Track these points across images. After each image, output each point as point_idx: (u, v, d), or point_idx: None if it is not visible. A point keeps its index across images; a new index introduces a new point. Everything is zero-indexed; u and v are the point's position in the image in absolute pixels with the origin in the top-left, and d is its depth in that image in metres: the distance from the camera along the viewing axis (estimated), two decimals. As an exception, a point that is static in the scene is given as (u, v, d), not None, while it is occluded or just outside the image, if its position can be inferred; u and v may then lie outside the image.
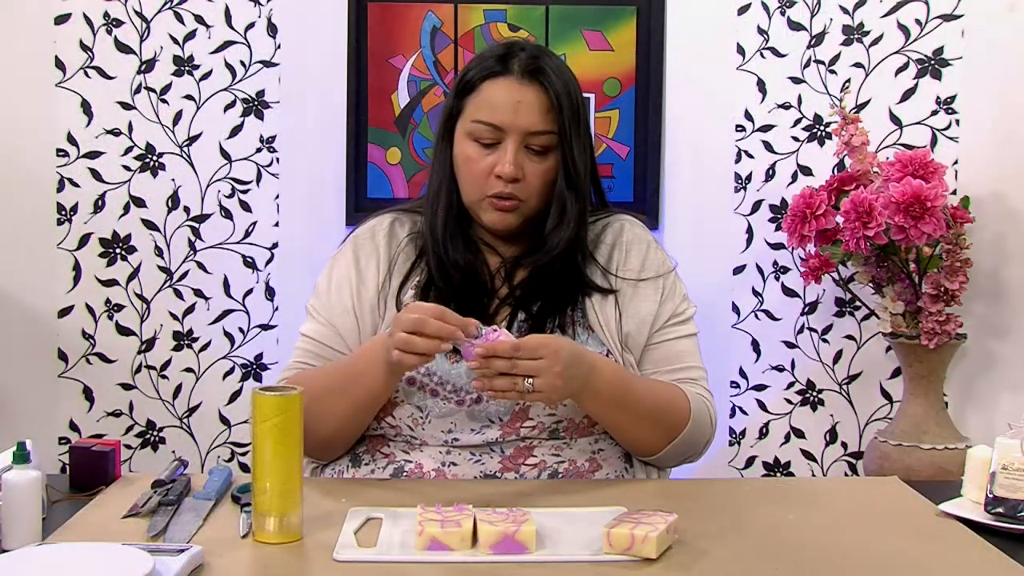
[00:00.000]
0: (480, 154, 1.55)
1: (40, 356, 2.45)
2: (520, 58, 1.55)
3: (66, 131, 2.42)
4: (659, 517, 1.21)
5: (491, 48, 1.61)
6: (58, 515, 1.32)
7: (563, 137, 1.54)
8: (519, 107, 1.53)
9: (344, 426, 1.53)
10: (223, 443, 2.49)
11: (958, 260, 2.19)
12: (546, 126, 1.54)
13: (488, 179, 1.54)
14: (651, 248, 1.66)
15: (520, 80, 1.54)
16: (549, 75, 1.54)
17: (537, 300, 1.57)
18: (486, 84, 1.55)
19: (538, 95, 1.54)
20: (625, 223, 1.68)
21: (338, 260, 1.65)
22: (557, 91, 1.54)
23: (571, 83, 1.58)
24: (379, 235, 1.65)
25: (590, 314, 1.58)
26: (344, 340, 1.59)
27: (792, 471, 2.49)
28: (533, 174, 1.55)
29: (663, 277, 1.64)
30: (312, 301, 1.64)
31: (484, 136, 1.54)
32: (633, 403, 1.50)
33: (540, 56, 1.56)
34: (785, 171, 2.45)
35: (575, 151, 1.55)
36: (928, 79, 2.42)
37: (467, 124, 1.56)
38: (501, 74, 1.55)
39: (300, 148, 2.44)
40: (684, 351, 1.62)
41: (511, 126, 1.53)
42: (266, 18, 2.43)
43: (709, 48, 2.44)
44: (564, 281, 1.58)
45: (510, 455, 1.52)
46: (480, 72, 1.56)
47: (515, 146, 1.53)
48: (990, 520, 1.30)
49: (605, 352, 1.55)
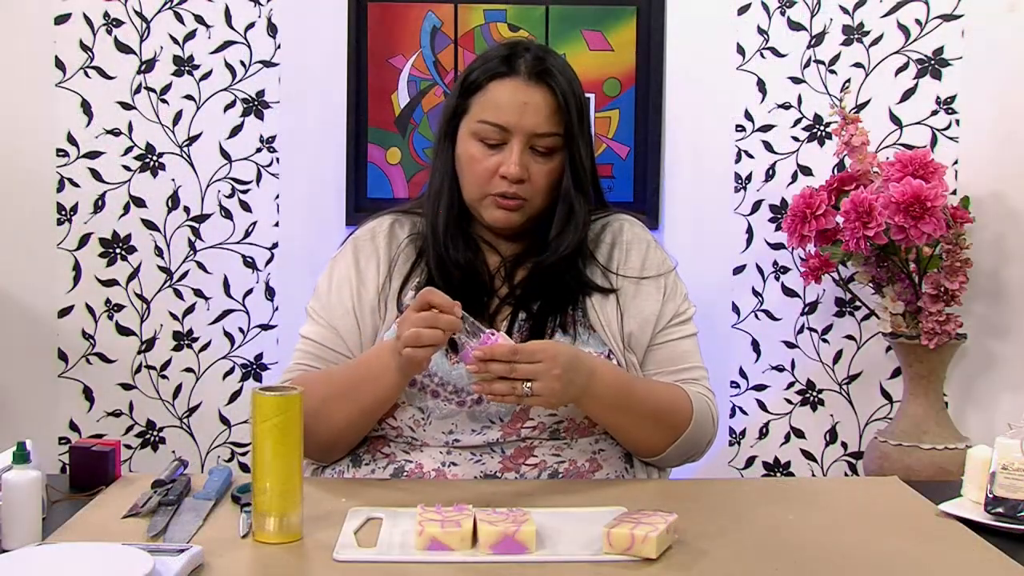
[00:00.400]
0: (485, 154, 1.55)
1: (40, 356, 2.45)
2: (526, 59, 1.55)
3: (66, 131, 2.42)
4: (659, 517, 1.21)
5: (495, 48, 1.60)
6: (58, 515, 1.32)
7: (569, 139, 1.55)
8: (526, 108, 1.53)
9: (348, 431, 1.53)
10: (223, 443, 2.49)
11: (958, 260, 2.19)
12: (552, 128, 1.54)
13: (492, 178, 1.54)
14: (651, 247, 1.66)
15: (527, 81, 1.54)
16: (556, 76, 1.54)
17: (538, 299, 1.57)
18: (492, 84, 1.55)
19: (545, 97, 1.54)
20: (624, 223, 1.68)
21: (338, 262, 1.65)
22: (564, 93, 1.54)
23: (575, 84, 1.58)
24: (379, 236, 1.64)
25: (591, 314, 1.58)
26: (345, 342, 1.59)
27: (792, 471, 2.49)
28: (538, 175, 1.55)
29: (664, 276, 1.64)
30: (312, 303, 1.64)
31: (490, 136, 1.54)
32: (635, 405, 1.50)
33: (546, 57, 1.57)
34: (785, 171, 2.45)
35: (581, 152, 1.55)
36: (928, 79, 2.42)
37: (472, 124, 1.56)
38: (507, 75, 1.54)
39: (300, 148, 2.44)
40: (687, 351, 1.62)
41: (517, 127, 1.53)
42: (266, 18, 2.43)
43: (709, 48, 2.44)
44: (565, 281, 1.58)
45: (510, 455, 1.52)
46: (485, 72, 1.56)
47: (521, 147, 1.53)
48: (990, 520, 1.30)
49: (607, 352, 1.55)
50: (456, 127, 1.59)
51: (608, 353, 1.55)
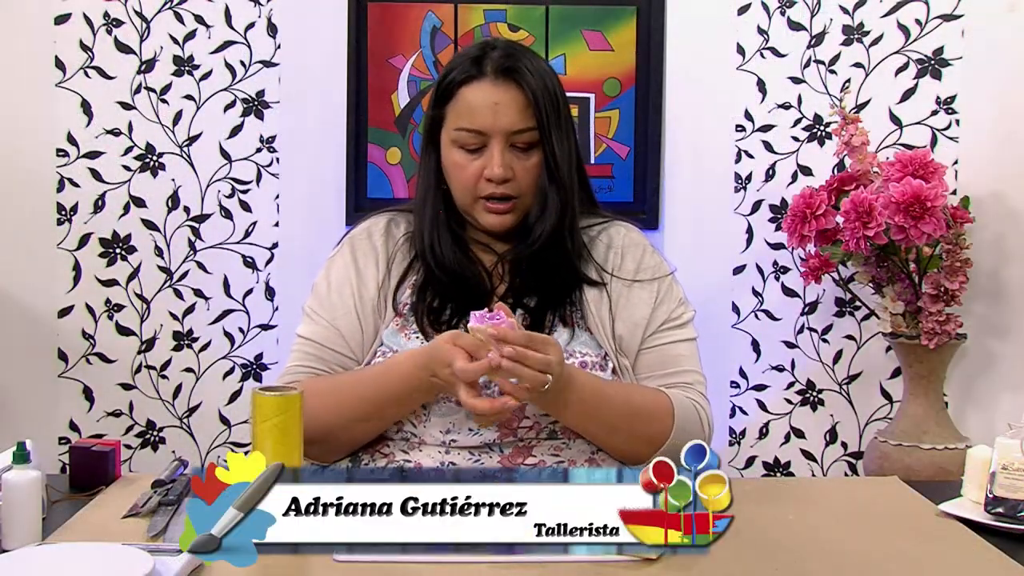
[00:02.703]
0: (467, 159, 1.55)
1: (40, 356, 2.45)
2: (492, 58, 1.55)
3: (66, 131, 2.42)
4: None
5: (466, 50, 1.60)
6: (58, 515, 1.32)
7: (543, 132, 1.54)
8: (497, 108, 1.53)
9: (363, 442, 1.55)
10: (223, 443, 2.49)
11: (958, 260, 2.19)
12: (527, 123, 1.54)
13: (479, 182, 1.55)
14: (646, 252, 1.65)
15: (495, 81, 1.54)
16: (523, 72, 1.54)
17: (535, 293, 1.57)
18: (463, 90, 1.55)
19: (514, 94, 1.53)
20: (620, 228, 1.68)
21: (335, 261, 1.64)
22: (533, 88, 1.53)
23: (548, 77, 1.57)
24: (375, 235, 1.64)
25: (588, 314, 1.58)
26: (347, 342, 1.59)
27: (792, 471, 2.49)
28: (522, 171, 1.55)
29: (659, 280, 1.63)
30: (311, 303, 1.63)
31: (468, 142, 1.55)
32: (604, 414, 1.49)
33: (513, 54, 1.56)
34: (785, 171, 2.45)
35: (555, 146, 1.55)
36: (928, 79, 2.42)
37: (451, 132, 1.56)
38: (476, 77, 1.54)
39: (300, 148, 2.44)
40: (680, 355, 1.60)
41: (492, 128, 1.53)
42: (266, 18, 2.43)
43: (709, 48, 2.44)
44: (558, 274, 1.58)
45: (508, 455, 1.52)
46: (456, 77, 1.56)
47: (500, 147, 1.53)
48: (990, 520, 1.30)
49: (603, 354, 1.55)
50: (436, 136, 1.59)
51: (604, 355, 1.55)
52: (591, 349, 1.55)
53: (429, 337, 1.53)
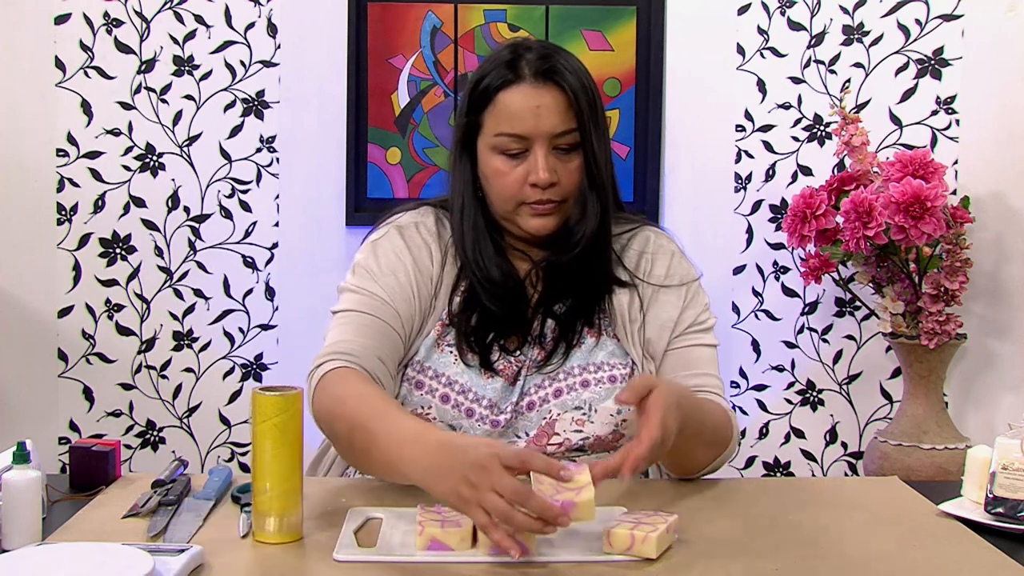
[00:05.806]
0: (509, 166, 1.51)
1: (40, 356, 2.45)
2: (528, 60, 1.51)
3: (66, 131, 2.42)
4: (659, 517, 1.21)
5: (497, 53, 1.56)
6: (58, 515, 1.32)
7: (583, 132, 1.51)
8: (539, 112, 1.49)
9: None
10: (223, 443, 2.49)
11: (958, 260, 2.19)
12: (568, 124, 1.50)
13: (523, 188, 1.50)
14: (675, 257, 1.64)
15: (534, 84, 1.50)
16: (562, 73, 1.50)
17: (566, 299, 1.56)
18: (501, 95, 1.51)
19: (555, 95, 1.50)
20: (651, 234, 1.66)
21: (381, 244, 1.57)
22: (573, 87, 1.50)
23: (584, 76, 1.54)
24: (425, 230, 1.59)
25: (616, 321, 1.56)
26: (402, 323, 1.51)
27: (792, 471, 2.49)
28: (565, 173, 1.51)
29: (687, 285, 1.62)
30: (355, 281, 1.54)
31: (510, 147, 1.50)
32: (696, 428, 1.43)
33: (549, 55, 1.53)
34: (785, 171, 2.45)
35: (595, 145, 1.52)
36: (928, 79, 2.42)
37: (490, 139, 1.52)
38: (514, 81, 1.50)
39: (300, 148, 2.44)
40: (701, 358, 1.59)
41: (535, 132, 1.49)
42: (266, 18, 2.43)
43: (709, 48, 2.44)
44: (594, 278, 1.56)
45: (534, 436, 1.50)
46: (492, 82, 1.52)
47: (544, 151, 1.49)
48: (990, 520, 1.30)
49: (629, 362, 1.54)
50: (471, 143, 1.55)
51: (631, 364, 1.55)
52: (617, 359, 1.54)
53: (464, 355, 1.51)
